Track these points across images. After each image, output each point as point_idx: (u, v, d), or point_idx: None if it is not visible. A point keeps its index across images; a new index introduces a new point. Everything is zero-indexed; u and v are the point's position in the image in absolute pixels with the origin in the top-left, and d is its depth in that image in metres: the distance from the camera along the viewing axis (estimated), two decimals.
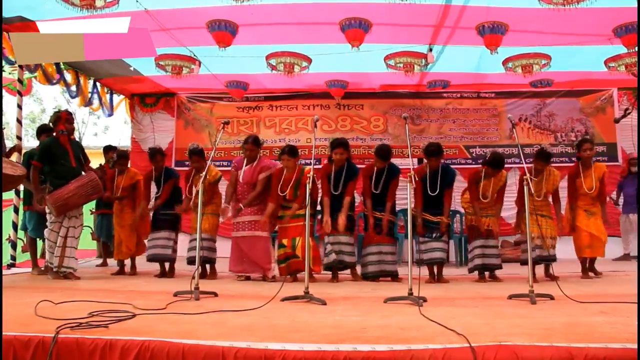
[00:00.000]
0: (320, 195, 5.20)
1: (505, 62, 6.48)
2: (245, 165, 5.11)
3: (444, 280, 4.91)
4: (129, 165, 5.88)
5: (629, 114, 7.02)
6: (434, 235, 4.92)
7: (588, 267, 5.20)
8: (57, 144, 4.92)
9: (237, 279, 5.07)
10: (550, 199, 5.09)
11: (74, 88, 7.30)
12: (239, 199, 5.10)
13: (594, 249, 5.08)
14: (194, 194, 5.17)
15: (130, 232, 5.60)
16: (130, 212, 5.64)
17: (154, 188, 5.68)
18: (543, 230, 4.88)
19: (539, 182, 4.97)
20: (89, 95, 7.70)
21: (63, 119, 4.97)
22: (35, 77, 7.24)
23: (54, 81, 6.80)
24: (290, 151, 4.93)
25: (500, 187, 4.99)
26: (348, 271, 5.14)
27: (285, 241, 4.89)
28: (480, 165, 5.18)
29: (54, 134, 5.03)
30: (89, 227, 7.48)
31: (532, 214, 4.79)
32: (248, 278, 5.04)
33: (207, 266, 5.33)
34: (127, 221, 5.61)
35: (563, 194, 5.28)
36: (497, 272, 5.02)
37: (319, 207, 5.25)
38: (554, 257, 4.98)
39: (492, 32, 5.42)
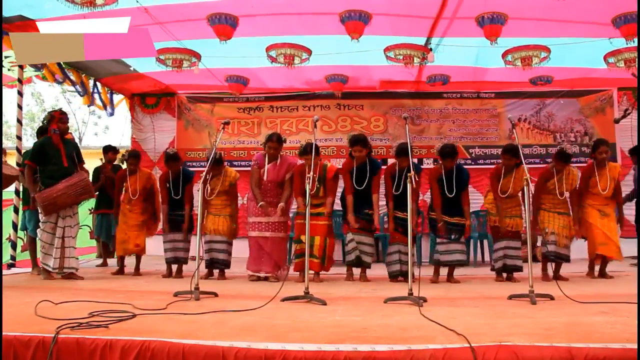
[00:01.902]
0: (335, 193, 5.18)
1: (504, 55, 6.47)
2: (268, 163, 5.09)
3: (455, 281, 4.90)
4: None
5: (628, 114, 7.02)
6: (452, 237, 4.92)
7: (599, 271, 5.16)
8: (50, 143, 4.91)
9: (249, 279, 5.02)
10: (567, 198, 5.08)
11: (78, 87, 7.32)
12: (262, 197, 5.08)
13: (608, 248, 5.04)
14: (207, 194, 5.15)
15: (139, 230, 5.57)
16: (139, 212, 5.60)
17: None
18: (558, 228, 4.92)
19: (559, 180, 4.98)
20: (92, 94, 7.72)
21: (56, 118, 4.95)
22: (39, 76, 7.27)
23: (60, 80, 6.82)
24: (315, 151, 4.95)
25: (523, 188, 4.95)
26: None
27: (303, 237, 4.88)
28: (499, 164, 5.18)
29: (48, 134, 5.02)
30: (88, 226, 7.47)
31: (549, 211, 4.98)
32: (260, 278, 4.99)
33: (217, 270, 5.28)
34: (135, 220, 5.57)
35: None
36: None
37: (337, 207, 5.29)
38: (568, 257, 5.00)
39: (491, 23, 5.42)
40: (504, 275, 5.00)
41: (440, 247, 4.96)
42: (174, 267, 5.41)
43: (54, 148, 4.90)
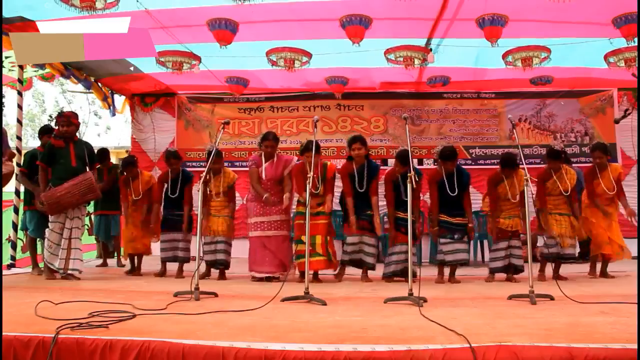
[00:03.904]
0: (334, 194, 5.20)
1: (505, 56, 6.47)
2: (265, 162, 5.10)
3: (455, 281, 4.90)
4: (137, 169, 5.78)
5: (629, 114, 6.99)
6: (455, 236, 4.93)
7: (601, 271, 5.17)
8: (55, 145, 4.91)
9: (252, 279, 4.99)
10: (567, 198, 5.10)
11: (83, 83, 7.36)
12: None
13: (609, 248, 5.08)
14: (208, 195, 5.21)
15: (144, 230, 5.59)
16: (143, 212, 5.61)
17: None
18: (563, 229, 4.93)
19: (558, 179, 4.99)
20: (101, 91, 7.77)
21: (57, 122, 4.99)
22: (40, 76, 7.27)
23: (66, 74, 6.86)
24: (316, 149, 4.96)
25: (522, 191, 4.96)
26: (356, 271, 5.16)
27: (303, 237, 4.88)
28: (499, 167, 5.19)
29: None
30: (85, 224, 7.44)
31: (552, 213, 4.99)
32: (263, 279, 4.95)
33: (216, 271, 5.29)
34: (140, 218, 5.60)
35: None
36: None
37: (337, 207, 5.31)
38: (573, 256, 5.02)
39: (492, 25, 5.43)
40: (504, 275, 4.98)
41: (445, 247, 4.97)
42: (174, 266, 5.41)
43: (61, 149, 4.92)
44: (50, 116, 5.11)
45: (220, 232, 5.17)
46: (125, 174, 5.72)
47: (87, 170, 5.06)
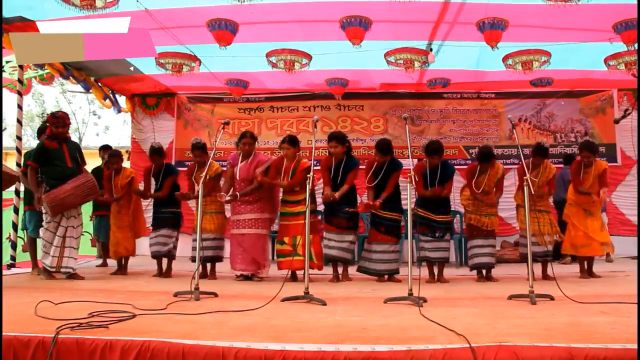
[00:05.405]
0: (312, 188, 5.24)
1: (505, 59, 6.47)
2: (241, 162, 5.11)
3: (445, 280, 4.91)
4: (123, 164, 5.80)
5: (628, 114, 6.99)
6: (437, 234, 4.94)
7: (587, 271, 5.19)
8: (48, 146, 4.89)
9: (235, 279, 5.06)
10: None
11: (82, 84, 7.36)
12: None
13: (590, 248, 5.11)
14: (195, 191, 5.19)
15: (127, 232, 5.60)
16: (127, 213, 5.64)
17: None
18: (542, 227, 4.96)
19: (536, 176, 5.04)
20: (103, 93, 7.76)
21: (49, 123, 4.96)
22: (38, 78, 7.26)
23: (65, 74, 6.87)
24: (291, 140, 5.01)
25: (499, 179, 5.02)
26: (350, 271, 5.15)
27: (286, 239, 4.91)
28: (473, 164, 5.25)
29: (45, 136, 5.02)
30: (89, 233, 7.42)
31: (532, 210, 4.86)
32: (247, 278, 5.04)
33: (209, 265, 5.32)
34: (125, 222, 5.60)
35: None
36: (493, 272, 5.05)
37: (319, 207, 5.30)
38: (551, 254, 5.03)
39: (492, 28, 5.42)
40: (484, 272, 5.03)
41: (426, 245, 4.97)
42: (164, 265, 5.43)
43: (56, 149, 4.90)
44: (42, 114, 5.10)
45: (209, 230, 5.18)
46: (109, 167, 5.72)
47: (80, 171, 5.05)
